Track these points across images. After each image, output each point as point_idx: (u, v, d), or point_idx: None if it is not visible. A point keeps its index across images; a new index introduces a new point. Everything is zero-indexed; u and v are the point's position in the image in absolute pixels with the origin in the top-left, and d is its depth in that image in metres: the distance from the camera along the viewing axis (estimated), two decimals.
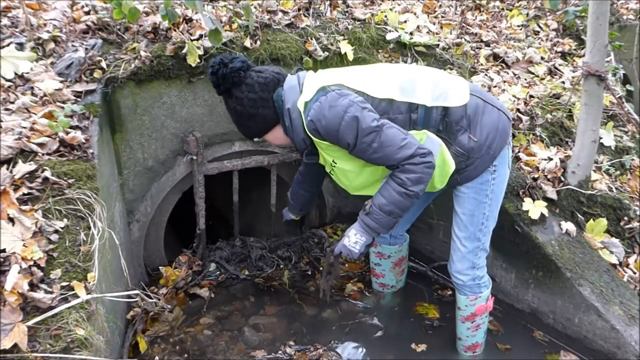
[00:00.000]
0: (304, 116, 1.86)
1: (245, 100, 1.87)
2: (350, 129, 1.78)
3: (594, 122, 2.48)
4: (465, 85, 1.99)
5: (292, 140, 1.97)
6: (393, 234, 2.54)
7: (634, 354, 2.12)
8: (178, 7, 2.62)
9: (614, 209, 2.64)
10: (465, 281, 2.17)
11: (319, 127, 1.82)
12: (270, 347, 2.36)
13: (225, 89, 1.88)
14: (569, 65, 3.70)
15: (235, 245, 3.08)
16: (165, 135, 2.66)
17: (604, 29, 2.37)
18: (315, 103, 1.82)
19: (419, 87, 1.90)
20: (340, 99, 1.80)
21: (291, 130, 1.93)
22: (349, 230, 2.01)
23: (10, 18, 2.51)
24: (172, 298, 2.65)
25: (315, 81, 1.90)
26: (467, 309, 2.23)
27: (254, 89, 1.87)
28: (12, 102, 2.07)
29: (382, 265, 2.68)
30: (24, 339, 1.41)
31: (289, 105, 1.88)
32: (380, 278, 2.74)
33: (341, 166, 1.98)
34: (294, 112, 1.88)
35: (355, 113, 1.77)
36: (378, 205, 1.89)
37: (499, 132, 1.97)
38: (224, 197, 3.59)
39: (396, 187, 1.83)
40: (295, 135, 1.93)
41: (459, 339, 2.35)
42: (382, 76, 1.94)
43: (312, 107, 1.82)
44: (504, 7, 4.34)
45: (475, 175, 2.00)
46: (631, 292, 2.30)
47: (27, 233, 1.65)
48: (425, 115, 1.88)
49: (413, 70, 2.03)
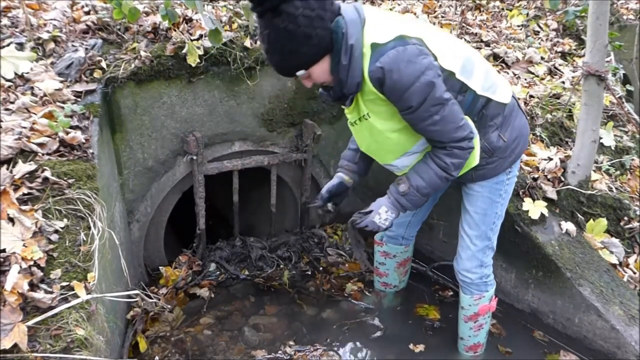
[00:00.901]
0: (369, 59, 1.63)
1: (299, 17, 1.52)
2: (421, 92, 1.62)
3: (594, 122, 2.48)
4: (508, 84, 1.96)
5: (340, 81, 1.70)
6: (405, 236, 2.50)
7: (634, 354, 2.11)
8: (178, 7, 2.62)
9: (614, 209, 2.64)
10: (473, 279, 2.15)
11: (387, 78, 1.61)
12: (270, 347, 2.36)
13: (273, 5, 1.52)
14: (569, 65, 3.70)
15: (235, 245, 3.08)
16: (165, 135, 2.66)
17: (604, 29, 2.37)
18: (391, 50, 1.60)
19: (476, 71, 1.80)
20: (421, 57, 1.62)
21: (346, 70, 1.65)
22: (378, 206, 1.94)
23: (10, 18, 2.51)
24: (172, 298, 2.65)
25: (387, 23, 1.68)
26: (470, 309, 2.23)
27: (310, 4, 1.53)
28: (12, 102, 2.07)
29: (386, 264, 2.66)
30: (24, 339, 1.41)
31: (352, 41, 1.61)
32: (384, 277, 2.72)
33: (373, 122, 1.81)
34: (357, 51, 1.62)
35: (432, 78, 1.62)
36: (416, 187, 1.83)
37: (524, 137, 1.97)
38: (224, 197, 3.59)
39: (438, 170, 1.78)
40: (350, 77, 1.67)
41: (460, 338, 2.35)
42: (450, 46, 1.79)
43: (387, 53, 1.60)
44: (504, 7, 4.34)
45: (492, 175, 1.97)
46: (631, 292, 2.30)
47: (27, 233, 1.65)
48: (472, 102, 1.80)
49: (471, 51, 1.89)
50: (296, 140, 3.08)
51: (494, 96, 1.83)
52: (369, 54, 1.63)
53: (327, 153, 3.23)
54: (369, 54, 1.63)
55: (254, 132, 2.93)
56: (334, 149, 3.24)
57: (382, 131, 1.82)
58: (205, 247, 2.99)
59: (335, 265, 3.08)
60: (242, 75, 2.72)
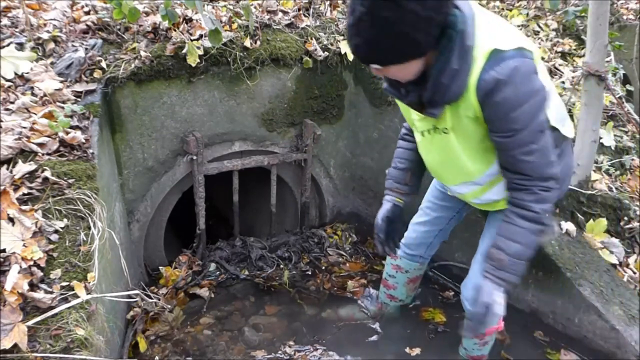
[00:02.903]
0: (482, 66, 1.39)
1: (406, 11, 1.27)
2: (530, 114, 1.42)
3: (594, 122, 2.48)
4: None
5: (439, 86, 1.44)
6: (424, 255, 2.31)
7: (634, 354, 2.11)
8: (178, 7, 2.62)
9: (614, 209, 2.64)
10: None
11: (498, 91, 1.38)
12: (270, 347, 2.36)
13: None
14: (569, 65, 3.70)
15: (235, 245, 3.08)
16: (165, 135, 2.66)
17: (604, 29, 2.37)
18: (511, 61, 1.37)
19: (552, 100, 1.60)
20: (534, 76, 1.43)
21: (452, 75, 1.41)
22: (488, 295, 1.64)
23: (10, 18, 2.51)
24: (172, 298, 2.65)
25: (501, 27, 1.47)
26: None
27: (426, 2, 1.29)
28: (12, 102, 2.07)
29: (396, 277, 2.45)
30: (24, 339, 1.41)
31: (471, 42, 1.38)
32: (391, 290, 2.50)
33: (451, 140, 1.59)
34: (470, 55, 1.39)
35: (543, 102, 1.45)
36: (514, 253, 1.58)
37: (568, 178, 1.82)
38: (224, 197, 3.59)
39: (532, 226, 1.55)
40: (456, 84, 1.42)
41: (464, 348, 2.27)
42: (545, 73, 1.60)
43: (506, 63, 1.37)
44: (504, 7, 4.34)
45: None
46: (631, 292, 2.30)
47: (27, 233, 1.65)
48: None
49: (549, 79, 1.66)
50: (296, 140, 3.08)
51: (562, 129, 1.66)
52: (484, 61, 1.40)
53: (327, 153, 3.23)
54: (484, 61, 1.40)
55: (254, 132, 2.93)
56: (334, 149, 3.24)
57: (457, 152, 1.61)
58: (205, 247, 2.99)
59: (335, 265, 3.08)
60: (242, 75, 2.72)
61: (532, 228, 1.55)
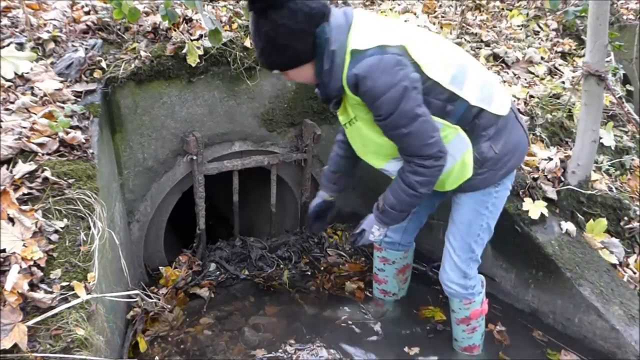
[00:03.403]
0: (348, 65, 1.66)
1: (281, 27, 1.59)
2: (392, 103, 1.65)
3: (594, 122, 2.48)
4: (508, 96, 1.93)
5: (323, 84, 1.75)
6: (401, 242, 2.45)
7: (634, 354, 2.11)
8: (178, 7, 2.62)
9: (614, 209, 2.64)
10: (457, 290, 2.15)
11: (361, 85, 1.65)
12: (270, 347, 2.36)
13: (261, 7, 1.58)
14: (569, 65, 3.70)
15: (235, 245, 3.08)
16: (165, 135, 2.66)
17: (604, 29, 2.37)
18: (369, 58, 1.63)
19: (468, 81, 1.78)
20: (396, 68, 1.63)
21: (328, 75, 1.71)
22: (369, 225, 2.05)
23: (10, 18, 2.51)
24: (172, 298, 2.65)
25: (370, 30, 1.70)
26: (461, 312, 2.22)
27: (296, 17, 1.58)
28: (12, 102, 2.07)
29: (385, 271, 2.58)
30: (24, 339, 1.41)
31: (335, 47, 1.65)
32: (383, 284, 2.63)
33: (360, 126, 1.85)
34: (338, 57, 1.67)
35: (404, 91, 1.64)
36: (390, 205, 1.91)
37: (518, 152, 1.93)
38: (224, 197, 3.59)
39: (406, 189, 1.82)
40: (333, 82, 1.72)
41: (455, 340, 2.34)
42: (440, 54, 1.79)
43: (364, 61, 1.63)
44: (504, 7, 4.34)
45: (482, 186, 1.94)
46: (631, 292, 2.30)
47: (27, 233, 1.65)
48: (464, 112, 1.79)
49: (467, 59, 1.87)
50: (296, 140, 3.08)
51: (489, 107, 1.81)
52: (348, 60, 1.66)
53: (327, 153, 3.21)
54: (348, 60, 1.66)
55: (254, 132, 2.93)
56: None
57: (369, 135, 1.85)
58: (205, 247, 2.99)
59: (335, 265, 3.08)
60: (242, 75, 2.72)
61: (406, 191, 1.82)
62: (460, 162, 1.84)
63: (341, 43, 1.66)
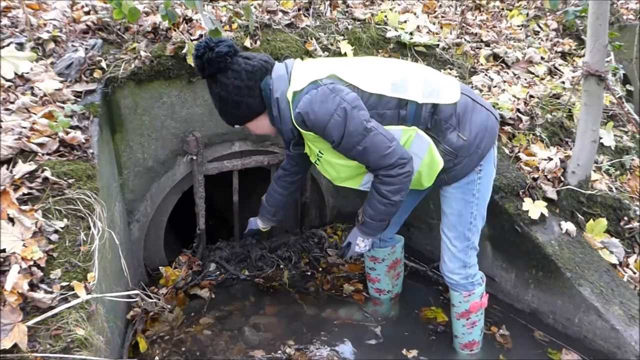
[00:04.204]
0: (292, 107, 1.83)
1: (230, 87, 1.83)
2: (337, 128, 1.78)
3: (594, 122, 2.48)
4: (456, 84, 1.99)
5: (279, 130, 1.95)
6: (382, 238, 2.50)
7: (634, 354, 2.12)
8: (178, 7, 2.62)
9: (614, 209, 2.64)
10: (458, 280, 2.18)
11: (306, 120, 1.80)
12: (270, 347, 2.36)
13: (210, 74, 1.83)
14: (569, 65, 3.70)
15: (235, 245, 3.08)
16: (165, 135, 2.66)
17: (604, 29, 2.37)
18: (305, 95, 1.79)
19: (411, 84, 1.88)
20: (332, 96, 1.77)
21: (279, 120, 1.90)
22: (355, 238, 2.15)
23: (10, 18, 2.51)
24: (172, 298, 2.65)
25: (305, 71, 1.86)
26: (461, 306, 2.24)
27: (241, 76, 1.82)
28: (12, 102, 2.07)
29: (376, 269, 2.62)
30: (24, 339, 1.41)
31: (278, 94, 1.84)
32: (376, 283, 2.68)
33: (328, 158, 1.97)
34: (283, 102, 1.85)
35: (344, 113, 1.76)
36: (369, 216, 2.00)
37: (487, 131, 1.97)
38: (224, 197, 3.59)
39: (380, 199, 1.91)
40: (284, 125, 1.90)
41: (455, 336, 2.36)
42: (375, 70, 1.93)
43: (302, 99, 1.79)
44: (504, 7, 4.34)
45: (463, 174, 1.99)
46: (631, 292, 2.30)
47: (27, 233, 1.65)
48: (416, 112, 1.87)
49: (405, 66, 2.01)
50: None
51: (438, 100, 1.89)
52: (291, 103, 1.83)
53: None
54: (291, 103, 1.83)
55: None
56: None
57: (338, 162, 1.96)
58: (205, 247, 2.99)
59: (335, 265, 3.07)
60: None
61: (381, 201, 1.91)
62: (428, 158, 1.92)
63: (283, 90, 1.84)
